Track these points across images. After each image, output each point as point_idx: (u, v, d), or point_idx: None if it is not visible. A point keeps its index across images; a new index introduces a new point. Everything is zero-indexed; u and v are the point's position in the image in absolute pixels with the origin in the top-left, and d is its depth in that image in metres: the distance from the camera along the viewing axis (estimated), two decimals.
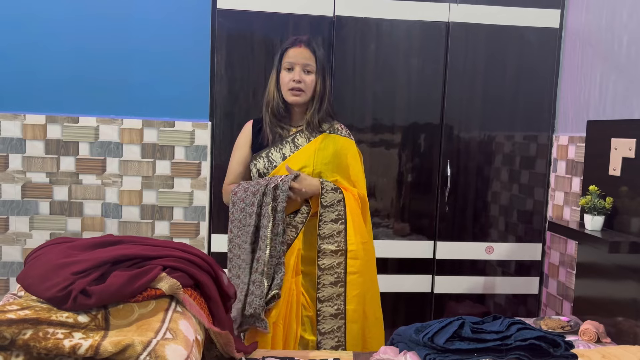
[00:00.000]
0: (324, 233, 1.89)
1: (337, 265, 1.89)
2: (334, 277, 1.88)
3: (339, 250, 1.89)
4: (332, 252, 1.89)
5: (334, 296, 1.88)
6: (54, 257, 1.23)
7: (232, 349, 1.41)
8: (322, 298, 1.88)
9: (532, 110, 2.89)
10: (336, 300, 1.88)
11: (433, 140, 2.86)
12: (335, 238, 1.89)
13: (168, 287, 1.22)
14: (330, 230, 1.89)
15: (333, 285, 1.89)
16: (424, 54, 2.82)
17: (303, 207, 1.93)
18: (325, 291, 1.88)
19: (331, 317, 1.88)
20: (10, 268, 2.74)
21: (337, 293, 1.88)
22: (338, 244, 1.89)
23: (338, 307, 1.88)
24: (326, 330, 1.87)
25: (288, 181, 1.85)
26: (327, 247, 1.89)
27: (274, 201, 1.83)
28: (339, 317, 1.88)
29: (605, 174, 2.30)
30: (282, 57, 1.96)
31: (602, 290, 2.32)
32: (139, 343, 1.07)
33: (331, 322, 1.88)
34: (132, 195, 2.78)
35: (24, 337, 1.02)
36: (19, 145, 2.70)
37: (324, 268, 1.88)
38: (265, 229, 1.83)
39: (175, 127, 2.77)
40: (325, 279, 1.88)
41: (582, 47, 2.70)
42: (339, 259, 1.89)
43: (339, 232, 1.90)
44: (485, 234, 2.93)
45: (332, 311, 1.88)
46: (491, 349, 1.29)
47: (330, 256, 1.89)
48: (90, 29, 2.69)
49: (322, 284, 1.88)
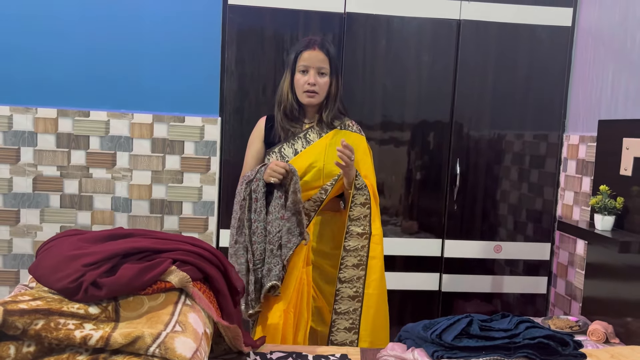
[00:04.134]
0: (353, 215, 1.94)
1: (360, 248, 1.93)
2: (357, 259, 1.93)
3: (365, 233, 1.94)
4: (359, 234, 1.94)
5: (355, 279, 1.93)
6: (65, 249, 1.24)
7: (240, 343, 1.42)
8: (343, 279, 1.93)
9: (542, 109, 2.88)
10: (356, 283, 1.93)
11: (442, 138, 2.85)
12: (362, 221, 1.94)
13: (178, 280, 1.23)
14: (359, 213, 1.94)
15: (355, 268, 1.93)
16: (434, 51, 2.80)
17: (317, 194, 1.95)
18: (347, 272, 1.93)
19: (349, 298, 1.92)
20: (20, 260, 2.77)
21: (358, 276, 1.93)
22: (364, 227, 1.94)
23: (357, 290, 1.93)
24: (342, 310, 1.92)
25: (263, 170, 1.89)
26: (354, 229, 1.93)
27: (255, 192, 1.88)
28: (357, 299, 1.93)
29: (616, 173, 2.29)
30: (297, 60, 1.99)
31: (611, 290, 2.31)
32: (148, 335, 1.07)
33: (348, 303, 1.92)
34: (141, 190, 2.80)
35: (36, 327, 1.03)
36: (31, 139, 2.72)
37: (349, 249, 1.93)
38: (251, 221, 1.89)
39: (185, 122, 2.78)
40: (349, 260, 1.93)
41: (594, 45, 2.68)
42: (363, 242, 1.93)
43: (365, 215, 1.94)
44: (494, 232, 2.92)
45: (350, 293, 1.92)
46: (499, 347, 1.29)
47: (356, 238, 1.93)
48: (102, 24, 2.70)
49: (345, 265, 1.93)
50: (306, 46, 1.98)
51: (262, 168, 1.91)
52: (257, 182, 1.89)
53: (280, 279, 1.85)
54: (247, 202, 1.89)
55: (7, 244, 2.75)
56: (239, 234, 1.91)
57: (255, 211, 1.89)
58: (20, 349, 1.04)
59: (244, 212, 1.89)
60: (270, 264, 1.86)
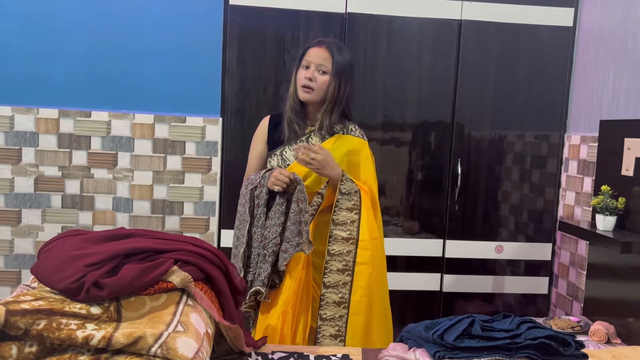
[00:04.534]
0: (337, 219, 1.91)
1: (346, 254, 1.90)
2: (342, 264, 1.89)
3: (350, 238, 1.91)
4: (344, 239, 1.90)
5: (340, 284, 1.89)
6: (67, 249, 1.24)
7: (241, 343, 1.42)
8: (328, 284, 1.89)
9: (544, 109, 2.87)
10: (342, 289, 1.89)
11: (444, 139, 2.85)
12: (348, 226, 1.90)
13: (179, 280, 1.23)
14: (345, 217, 1.91)
15: (340, 273, 1.90)
16: (435, 51, 2.80)
17: (315, 198, 1.95)
18: (332, 277, 1.89)
19: (334, 304, 1.88)
20: (22, 260, 2.77)
21: (344, 281, 1.89)
22: (350, 232, 1.90)
23: (342, 296, 1.88)
24: (327, 317, 1.88)
25: (267, 177, 1.87)
26: (338, 234, 1.90)
27: (257, 198, 1.87)
28: (342, 305, 1.89)
29: (618, 174, 2.28)
30: (303, 56, 1.98)
31: (613, 290, 2.31)
32: (150, 335, 1.07)
33: (333, 309, 1.88)
34: (143, 190, 2.80)
35: (38, 328, 1.03)
36: (32, 139, 2.72)
37: (333, 254, 1.90)
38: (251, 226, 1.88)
39: (187, 122, 2.79)
40: (333, 265, 1.90)
41: (596, 46, 2.68)
42: (349, 247, 1.90)
43: (353, 221, 1.91)
44: (495, 233, 2.92)
45: (335, 298, 1.88)
46: (501, 347, 1.29)
47: (340, 243, 1.90)
48: (103, 24, 2.71)
49: (330, 270, 1.89)
50: (314, 44, 1.97)
51: (267, 174, 1.90)
52: (260, 188, 1.88)
53: (266, 284, 1.84)
54: (250, 206, 1.89)
55: (9, 244, 2.75)
56: (239, 237, 1.91)
57: (256, 216, 1.88)
58: (22, 349, 1.04)
59: (246, 216, 1.89)
60: (260, 269, 1.85)
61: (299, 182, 1.86)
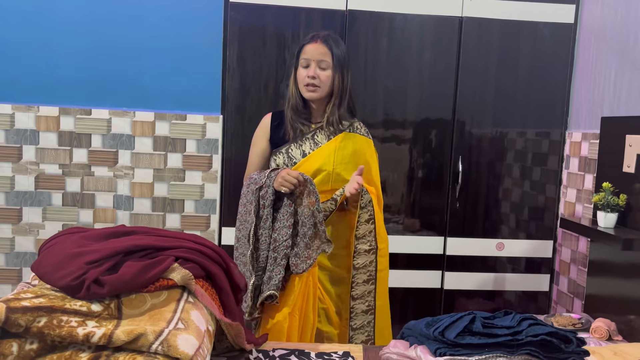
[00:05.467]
0: (359, 234, 1.93)
1: (369, 264, 1.93)
2: (367, 275, 1.93)
3: (372, 249, 1.94)
4: (366, 251, 1.93)
5: (366, 293, 1.94)
6: (68, 246, 1.24)
7: (242, 341, 1.42)
8: (356, 296, 1.93)
9: (545, 106, 2.87)
10: (367, 297, 1.94)
11: (445, 136, 2.84)
12: (367, 238, 1.93)
13: (180, 277, 1.23)
14: (364, 230, 1.93)
15: (365, 283, 1.94)
16: (436, 48, 2.80)
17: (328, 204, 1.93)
18: (359, 289, 1.93)
19: (362, 313, 1.94)
20: (23, 258, 2.77)
21: (369, 290, 1.94)
22: (370, 244, 1.93)
23: (369, 304, 1.94)
24: (357, 325, 1.94)
25: (273, 177, 1.83)
26: (362, 247, 1.93)
27: (263, 199, 1.84)
28: (369, 312, 1.94)
29: (619, 170, 2.28)
30: (299, 54, 1.95)
31: (614, 287, 2.30)
32: (151, 332, 1.07)
33: (362, 318, 1.94)
34: (143, 188, 2.80)
35: (39, 325, 1.03)
36: (33, 137, 2.72)
37: (358, 267, 1.93)
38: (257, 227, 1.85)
39: (187, 120, 2.78)
40: (360, 277, 1.93)
41: (597, 43, 2.68)
42: (370, 257, 1.93)
43: (370, 231, 1.93)
44: (496, 230, 2.92)
45: (364, 307, 1.93)
46: (502, 344, 1.29)
47: (364, 255, 1.93)
48: (103, 22, 2.70)
49: (356, 283, 1.93)
50: (309, 40, 1.94)
51: (272, 174, 1.85)
52: (266, 188, 1.83)
53: (279, 288, 1.82)
54: (255, 207, 1.84)
55: (10, 242, 2.76)
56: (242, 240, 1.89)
57: (262, 218, 1.84)
58: (23, 347, 1.04)
59: (249, 217, 1.85)
60: (272, 272, 1.82)
61: (310, 182, 1.83)
